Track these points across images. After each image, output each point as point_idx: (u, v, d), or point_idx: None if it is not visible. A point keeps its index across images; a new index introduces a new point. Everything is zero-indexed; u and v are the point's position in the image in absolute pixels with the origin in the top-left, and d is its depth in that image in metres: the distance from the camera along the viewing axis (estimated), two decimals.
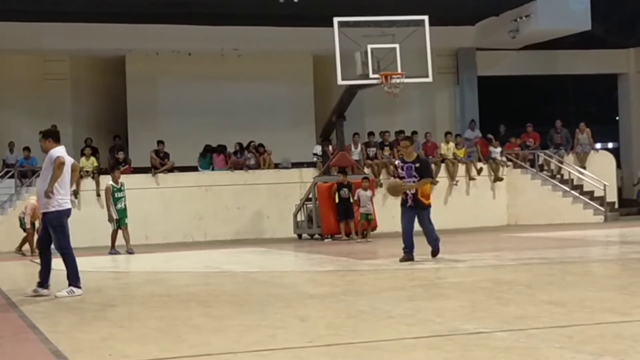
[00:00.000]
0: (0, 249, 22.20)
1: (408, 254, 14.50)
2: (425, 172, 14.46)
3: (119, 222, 20.91)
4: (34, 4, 25.56)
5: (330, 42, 22.42)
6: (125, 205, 21.05)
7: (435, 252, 14.99)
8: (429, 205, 14.65)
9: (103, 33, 27.47)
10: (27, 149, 26.00)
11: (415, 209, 14.50)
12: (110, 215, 20.89)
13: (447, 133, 28.66)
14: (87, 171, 25.48)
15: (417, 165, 14.36)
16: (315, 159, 26.90)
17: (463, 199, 27.61)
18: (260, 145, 27.55)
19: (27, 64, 29.12)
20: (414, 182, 14.27)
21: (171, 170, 26.35)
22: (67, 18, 26.86)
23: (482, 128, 30.25)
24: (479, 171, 27.78)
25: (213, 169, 26.96)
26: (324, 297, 10.49)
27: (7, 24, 26.28)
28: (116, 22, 27.37)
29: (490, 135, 28.90)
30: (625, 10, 32.19)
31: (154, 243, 24.63)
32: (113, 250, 20.84)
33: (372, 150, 27.18)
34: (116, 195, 20.93)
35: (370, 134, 27.79)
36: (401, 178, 14.38)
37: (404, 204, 14.57)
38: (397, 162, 14.86)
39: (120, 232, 20.98)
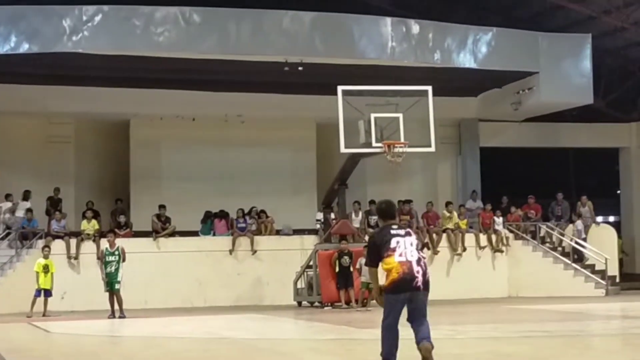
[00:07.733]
0: (0, 311, 22.04)
1: None
2: None
3: (110, 285, 21.06)
4: (39, 67, 25.79)
5: (333, 110, 22.53)
6: (115, 269, 21.13)
7: None
8: None
9: (108, 97, 27.64)
10: (29, 210, 25.96)
11: None
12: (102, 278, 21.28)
13: (448, 203, 28.65)
14: (88, 234, 25.45)
15: None
16: (317, 226, 26.88)
17: (463, 270, 27.43)
18: (262, 211, 27.54)
19: (32, 126, 29.17)
20: None
21: (172, 234, 26.32)
22: (72, 82, 27.08)
23: (484, 199, 30.24)
24: (490, 244, 27.79)
25: (214, 235, 26.92)
26: None
27: (13, 86, 26.48)
28: (121, 86, 27.60)
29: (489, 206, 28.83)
30: (628, 85, 32.42)
31: (153, 307, 24.49)
32: (112, 314, 20.88)
33: (373, 219, 27.09)
34: (107, 259, 21.20)
35: (372, 202, 27.72)
36: None
37: None
38: None
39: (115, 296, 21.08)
